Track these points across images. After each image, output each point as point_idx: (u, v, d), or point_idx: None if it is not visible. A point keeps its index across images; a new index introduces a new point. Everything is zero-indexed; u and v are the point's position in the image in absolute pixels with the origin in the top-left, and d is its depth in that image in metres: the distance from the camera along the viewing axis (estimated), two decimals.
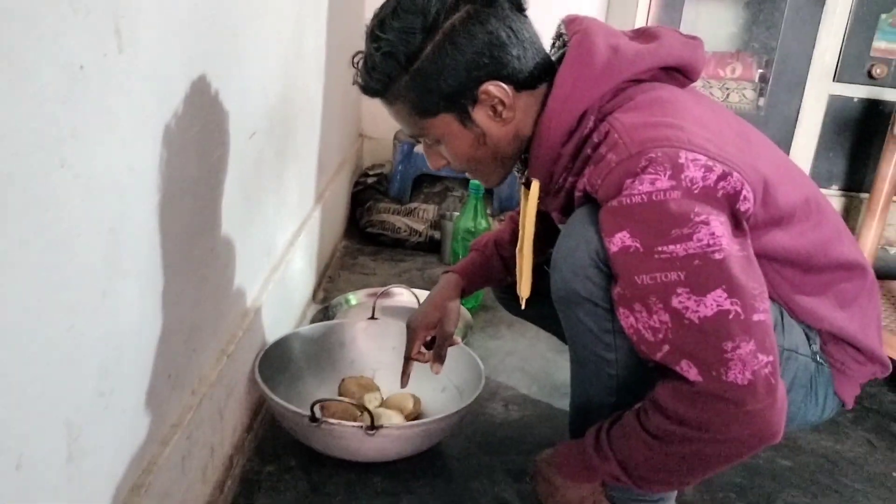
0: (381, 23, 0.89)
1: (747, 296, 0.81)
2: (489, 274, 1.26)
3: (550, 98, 0.91)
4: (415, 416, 1.29)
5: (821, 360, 1.01)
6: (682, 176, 0.80)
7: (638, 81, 0.93)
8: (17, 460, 0.57)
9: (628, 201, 0.82)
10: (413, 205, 2.13)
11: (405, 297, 1.65)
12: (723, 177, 0.82)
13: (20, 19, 0.52)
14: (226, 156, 1.02)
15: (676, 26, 2.00)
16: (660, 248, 0.81)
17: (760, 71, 2.01)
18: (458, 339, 1.24)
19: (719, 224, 0.81)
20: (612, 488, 0.98)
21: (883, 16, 1.95)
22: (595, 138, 0.89)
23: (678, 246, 0.80)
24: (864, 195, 2.07)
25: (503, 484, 1.20)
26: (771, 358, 0.81)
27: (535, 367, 1.57)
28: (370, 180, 2.25)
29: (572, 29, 0.95)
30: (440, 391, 1.32)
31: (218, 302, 1.05)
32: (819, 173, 2.09)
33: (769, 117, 2.05)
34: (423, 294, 1.65)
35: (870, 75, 1.98)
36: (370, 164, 2.40)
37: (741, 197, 0.83)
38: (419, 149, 2.07)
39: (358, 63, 0.93)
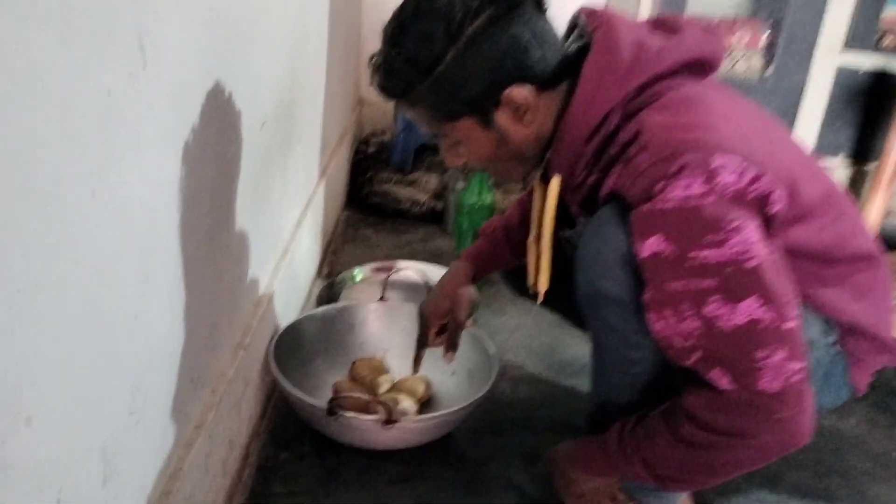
0: (400, 26, 0.87)
1: (779, 304, 0.81)
2: (498, 260, 1.26)
3: (575, 97, 0.90)
4: (426, 399, 1.30)
5: (837, 351, 1.02)
6: (716, 181, 0.80)
7: (661, 76, 0.92)
8: (57, 495, 0.57)
9: (661, 206, 0.81)
10: (415, 175, 2.11)
11: (411, 271, 1.64)
12: (755, 180, 0.81)
13: (52, 50, 0.50)
14: (239, 151, 1.00)
15: None
16: (692, 255, 0.80)
17: (768, 39, 1.98)
18: (469, 322, 1.25)
19: (752, 230, 0.80)
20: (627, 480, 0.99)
21: None
22: (622, 137, 0.88)
23: (710, 252, 0.80)
24: (871, 165, 2.07)
25: (515, 467, 1.22)
26: (801, 365, 0.82)
27: (542, 343, 1.58)
28: (371, 149, 2.23)
29: (593, 22, 0.93)
30: (450, 375, 1.33)
31: (233, 296, 1.05)
32: (826, 143, 2.09)
33: (776, 86, 2.03)
34: (428, 268, 1.66)
35: (879, 45, 1.96)
36: (370, 132, 2.37)
37: (772, 199, 0.83)
38: None
39: (376, 64, 0.91)
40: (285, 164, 1.34)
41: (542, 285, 1.07)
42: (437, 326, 1.21)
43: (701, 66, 0.95)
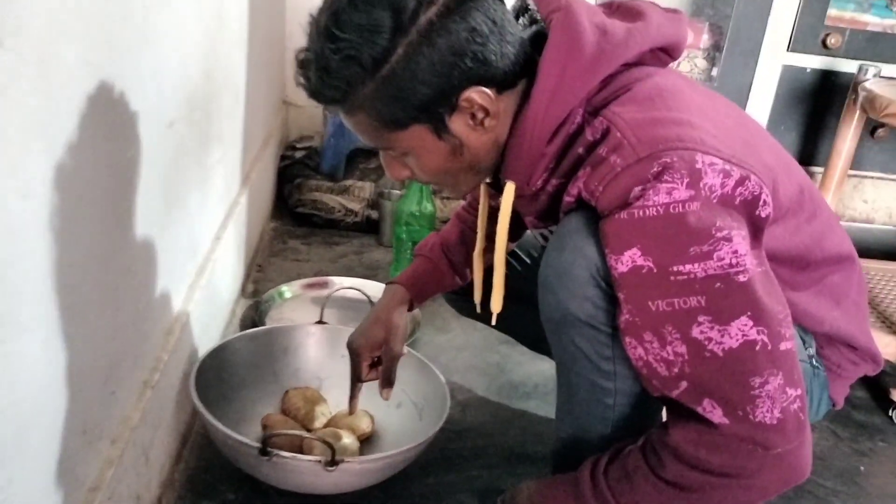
0: (335, 16, 0.72)
1: (773, 322, 0.72)
2: (438, 282, 1.13)
3: (534, 94, 0.78)
4: (368, 436, 1.17)
5: (816, 364, 0.95)
6: (701, 184, 0.70)
7: (626, 66, 0.81)
8: None
9: (641, 214, 0.71)
10: (347, 182, 1.96)
11: (346, 287, 1.49)
12: (741, 182, 0.72)
13: None
14: (139, 154, 0.84)
15: None
16: (676, 269, 0.70)
17: (713, 39, 1.92)
18: (405, 350, 1.11)
19: (741, 239, 0.71)
20: None
21: None
22: (589, 136, 0.77)
23: (697, 266, 0.70)
24: (817, 169, 2.03)
25: None
26: (799, 391, 0.73)
27: (490, 363, 1.46)
28: (298, 154, 2.07)
29: (547, 6, 0.81)
30: (395, 407, 1.19)
31: (138, 327, 0.89)
32: None
33: (721, 87, 1.97)
34: (366, 284, 1.52)
35: (824, 45, 1.92)
36: (297, 136, 2.21)
37: (760, 202, 0.73)
38: None
39: (305, 61, 0.76)
40: (203, 170, 1.19)
41: (497, 305, 0.95)
42: (370, 359, 1.07)
43: (663, 54, 0.86)
